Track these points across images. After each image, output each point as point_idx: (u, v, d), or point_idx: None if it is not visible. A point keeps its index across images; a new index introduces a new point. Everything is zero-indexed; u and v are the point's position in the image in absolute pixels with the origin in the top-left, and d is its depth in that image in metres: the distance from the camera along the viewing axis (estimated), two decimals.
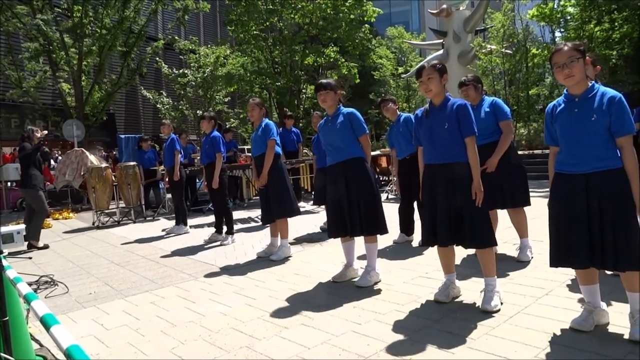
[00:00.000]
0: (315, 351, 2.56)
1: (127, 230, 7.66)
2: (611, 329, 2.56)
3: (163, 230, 7.19)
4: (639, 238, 2.34)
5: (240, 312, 3.27)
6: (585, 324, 2.52)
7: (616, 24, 13.19)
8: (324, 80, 3.85)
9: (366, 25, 17.71)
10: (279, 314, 3.19)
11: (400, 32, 27.22)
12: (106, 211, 8.60)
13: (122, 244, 6.38)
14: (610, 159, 2.38)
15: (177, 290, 3.94)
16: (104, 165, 8.95)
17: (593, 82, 2.48)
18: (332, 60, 16.80)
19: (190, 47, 17.91)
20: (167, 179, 6.93)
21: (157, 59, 16.57)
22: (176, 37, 18.12)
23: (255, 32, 16.24)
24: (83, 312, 3.54)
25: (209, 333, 2.92)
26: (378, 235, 3.79)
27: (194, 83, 17.26)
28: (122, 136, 13.34)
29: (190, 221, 7.48)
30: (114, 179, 8.69)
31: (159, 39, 16.98)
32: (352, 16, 16.55)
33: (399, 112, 5.23)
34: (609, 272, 3.30)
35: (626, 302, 2.50)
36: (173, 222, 7.17)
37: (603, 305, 2.61)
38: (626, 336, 2.41)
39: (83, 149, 9.99)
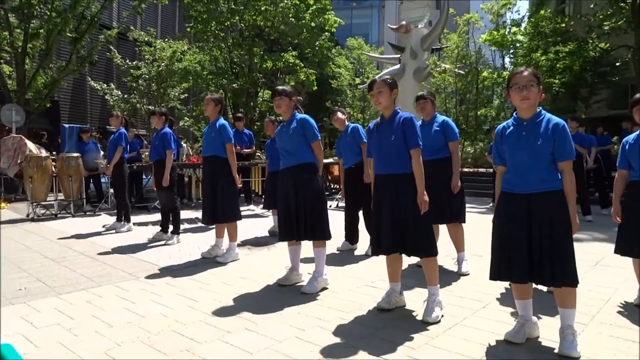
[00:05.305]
0: (258, 357, 2.53)
1: (64, 224, 7.28)
2: (541, 341, 2.69)
3: (103, 226, 6.89)
4: (574, 256, 2.51)
5: (181, 315, 3.19)
6: (518, 336, 2.65)
7: (560, 55, 14.05)
8: (279, 87, 3.95)
9: (327, 33, 17.87)
10: (222, 317, 3.13)
11: (360, 43, 27.63)
12: (43, 203, 8.14)
13: (59, 238, 6.05)
14: (551, 180, 2.54)
15: (115, 290, 3.79)
16: (44, 154, 8.47)
17: (540, 108, 2.63)
18: (290, 64, 16.81)
19: (146, 39, 17.34)
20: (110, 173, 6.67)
21: (111, 47, 15.93)
22: (131, 27, 17.50)
23: (215, 30, 15.99)
24: (11, 309, 3.32)
25: (147, 335, 2.82)
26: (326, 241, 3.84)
27: (147, 76, 16.70)
28: (66, 126, 12.71)
29: (134, 218, 7.22)
30: (53, 169, 8.25)
31: (112, 27, 16.35)
32: (313, 24, 16.66)
33: (347, 123, 5.32)
34: (544, 290, 3.49)
35: (555, 317, 2.65)
36: (114, 218, 6.90)
37: (534, 319, 2.76)
38: (556, 350, 2.55)
39: (22, 136, 9.41)
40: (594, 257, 4.83)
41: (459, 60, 17.16)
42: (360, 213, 5.32)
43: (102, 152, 9.77)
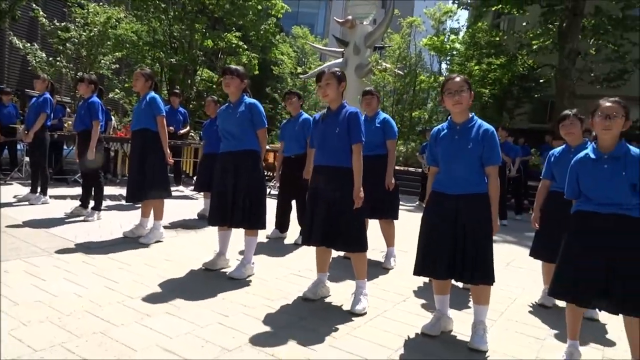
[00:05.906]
0: (177, 341, 2.46)
1: None
2: (455, 335, 2.85)
3: (15, 197, 6.36)
4: (493, 256, 2.68)
5: (98, 295, 3.02)
6: (434, 329, 2.79)
7: (492, 67, 14.89)
8: (232, 66, 3.80)
9: (273, 18, 17.62)
10: (143, 300, 3.01)
11: (305, 33, 27.60)
12: None
13: None
14: (480, 184, 2.68)
15: (24, 265, 3.52)
16: None
17: (473, 114, 2.76)
18: (233, 45, 16.38)
19: (78, 0, 16.10)
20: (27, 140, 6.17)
21: (34, 5, 14.60)
22: None
23: (156, 0, 15.20)
24: None
25: (58, 315, 2.65)
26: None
27: (76, 40, 15.51)
28: None
29: (51, 191, 6.74)
30: None
31: None
32: (260, 7, 16.34)
33: (301, 110, 5.26)
34: (461, 286, 3.69)
35: (466, 312, 2.82)
36: (28, 189, 6.39)
37: (449, 313, 2.91)
38: (467, 343, 2.71)
39: None
40: (506, 258, 5.19)
41: (399, 60, 17.68)
42: (294, 202, 5.31)
43: (20, 117, 9.01)
